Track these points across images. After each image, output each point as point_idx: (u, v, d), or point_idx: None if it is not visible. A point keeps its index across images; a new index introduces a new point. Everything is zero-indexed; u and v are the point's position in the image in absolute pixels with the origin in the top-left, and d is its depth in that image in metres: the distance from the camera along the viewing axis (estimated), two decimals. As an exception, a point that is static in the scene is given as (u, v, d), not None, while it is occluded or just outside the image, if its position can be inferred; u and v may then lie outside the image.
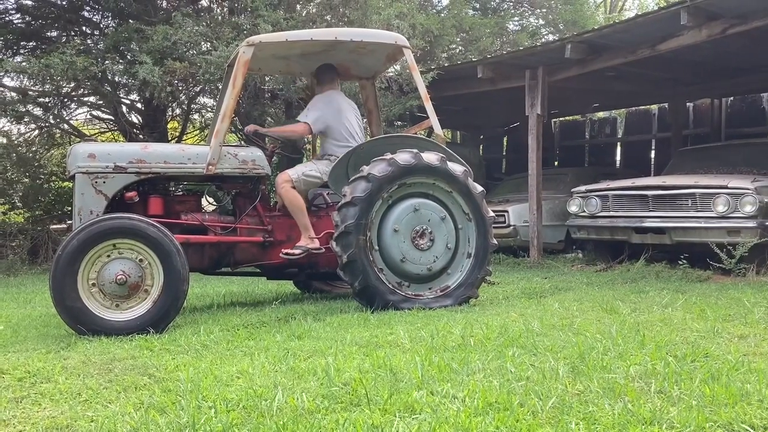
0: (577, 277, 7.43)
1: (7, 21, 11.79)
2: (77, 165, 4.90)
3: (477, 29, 13.70)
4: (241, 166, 5.31)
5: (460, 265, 5.39)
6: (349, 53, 5.91)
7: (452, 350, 3.52)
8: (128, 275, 4.43)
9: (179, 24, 9.36)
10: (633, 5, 25.64)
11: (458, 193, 5.36)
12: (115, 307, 4.44)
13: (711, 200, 7.30)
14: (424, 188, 5.31)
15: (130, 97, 12.28)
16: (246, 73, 5.47)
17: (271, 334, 4.17)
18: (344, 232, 4.99)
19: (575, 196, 8.72)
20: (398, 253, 5.17)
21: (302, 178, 5.51)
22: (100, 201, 4.87)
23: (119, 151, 5.11)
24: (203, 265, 5.36)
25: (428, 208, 5.28)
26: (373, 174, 5.07)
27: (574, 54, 8.65)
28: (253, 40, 5.39)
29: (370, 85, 6.57)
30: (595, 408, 2.49)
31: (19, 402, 2.86)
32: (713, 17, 7.50)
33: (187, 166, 5.19)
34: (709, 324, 4.16)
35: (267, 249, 5.45)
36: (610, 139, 14.91)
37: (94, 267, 4.41)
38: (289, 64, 6.26)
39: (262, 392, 2.78)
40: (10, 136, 12.23)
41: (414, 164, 5.16)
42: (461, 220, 5.40)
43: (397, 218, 5.19)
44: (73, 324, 4.33)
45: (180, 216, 5.27)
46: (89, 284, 4.39)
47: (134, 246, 4.47)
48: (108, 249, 4.44)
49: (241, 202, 5.51)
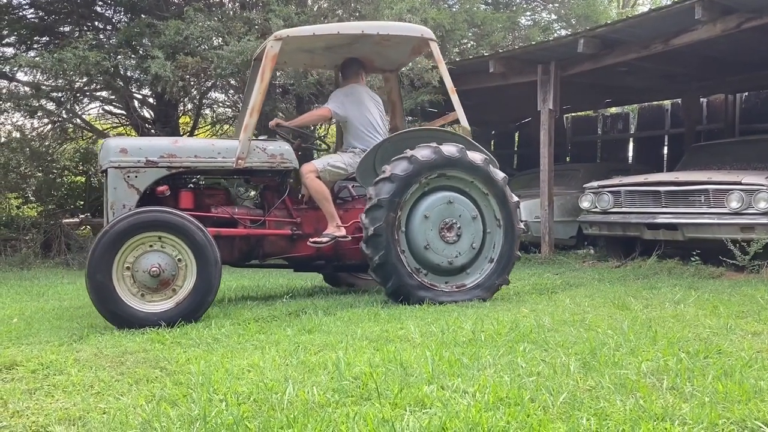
0: (588, 273, 7.40)
1: (20, 16, 11.85)
2: (110, 159, 4.94)
3: (489, 24, 13.62)
4: (270, 160, 5.35)
5: (480, 267, 5.39)
6: (374, 46, 5.93)
7: (463, 345, 3.52)
8: (162, 268, 4.51)
9: (191, 19, 9.37)
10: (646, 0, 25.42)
11: (494, 197, 5.38)
12: (149, 298, 4.53)
13: (724, 196, 7.24)
14: (462, 184, 5.34)
15: (142, 91, 12.33)
16: (274, 67, 5.49)
17: (281, 328, 4.18)
18: (376, 205, 5.03)
19: (587, 192, 8.67)
20: (423, 240, 5.20)
21: (327, 169, 5.56)
22: (133, 195, 4.91)
23: (151, 146, 5.15)
24: (233, 257, 5.41)
25: (462, 204, 5.31)
26: (416, 157, 5.12)
27: (586, 49, 8.60)
28: (281, 34, 5.43)
29: (394, 77, 6.61)
30: (607, 404, 2.48)
31: (32, 394, 2.88)
32: (728, 11, 7.42)
33: (217, 160, 5.23)
34: (722, 320, 4.13)
35: (295, 242, 5.51)
36: (622, 134, 14.80)
37: (128, 259, 4.48)
38: (313, 58, 6.29)
39: (273, 386, 2.79)
40: (24, 130, 12.32)
41: (458, 158, 5.22)
42: (491, 225, 5.41)
43: (429, 205, 5.23)
44: (111, 317, 4.41)
45: (210, 209, 5.34)
46: (124, 276, 4.47)
47: (169, 239, 4.55)
48: (142, 241, 4.51)
49: (269, 195, 5.57)
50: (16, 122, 12.31)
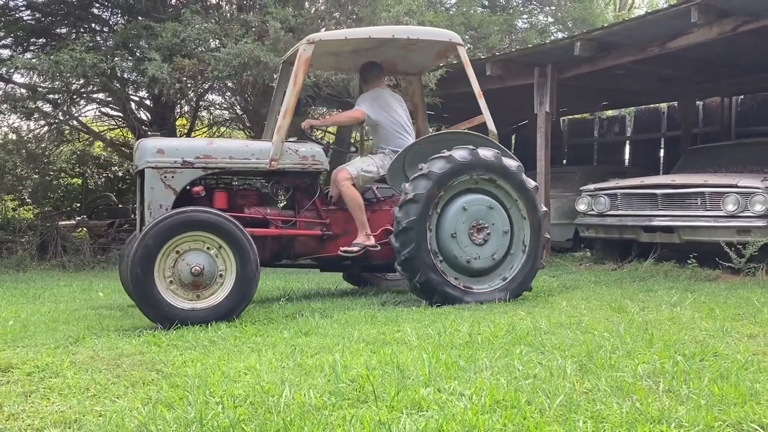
0: (585, 276, 7.41)
1: (17, 18, 11.85)
2: (146, 160, 4.97)
3: (485, 27, 13.65)
4: (302, 162, 5.41)
5: (491, 280, 5.44)
6: (399, 50, 6.00)
7: (459, 348, 3.52)
8: (203, 267, 4.58)
9: (188, 21, 9.38)
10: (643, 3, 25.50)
11: (530, 223, 5.47)
12: (193, 297, 4.60)
13: (720, 199, 7.26)
14: (507, 199, 5.43)
15: (139, 93, 12.34)
16: (306, 70, 5.56)
17: (278, 331, 4.18)
18: (411, 200, 5.10)
19: (584, 195, 8.69)
20: (452, 227, 5.25)
21: (361, 174, 5.62)
22: (169, 195, 4.95)
23: (187, 147, 5.20)
24: (265, 257, 5.41)
25: (501, 217, 5.40)
26: (454, 157, 5.20)
27: (583, 52, 8.61)
28: (314, 38, 5.49)
29: (417, 80, 6.69)
30: (603, 406, 2.48)
31: (28, 396, 2.87)
32: (724, 15, 7.44)
33: (251, 161, 5.28)
34: (718, 323, 4.14)
35: (325, 242, 5.56)
36: (618, 137, 14.83)
37: (170, 259, 4.55)
38: (339, 60, 6.37)
39: (270, 388, 2.79)
40: (20, 132, 12.31)
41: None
42: (516, 246, 5.48)
43: (471, 201, 5.32)
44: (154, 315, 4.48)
45: (243, 210, 5.38)
46: (166, 275, 4.54)
47: (209, 238, 4.63)
48: (183, 241, 4.58)
49: (299, 196, 5.62)
50: (12, 124, 12.33)
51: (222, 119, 14.61)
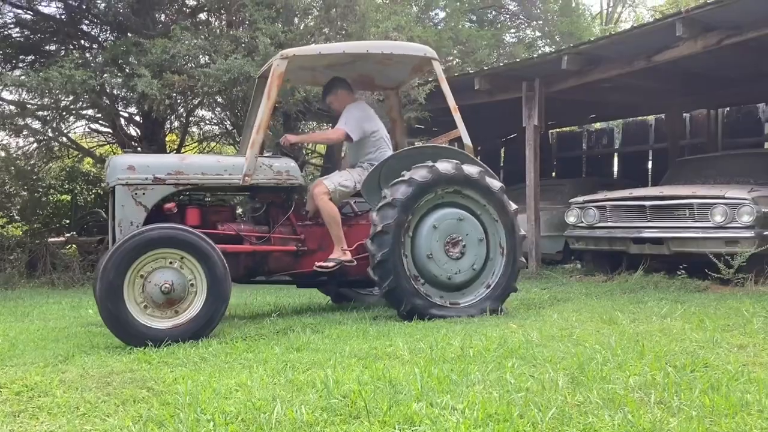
0: (575, 288, 7.43)
1: (6, 35, 11.82)
2: (117, 177, 4.93)
3: (474, 41, 13.77)
4: (276, 177, 5.37)
5: (476, 290, 5.44)
6: (375, 64, 6.00)
7: (451, 361, 3.51)
8: (173, 284, 4.50)
9: (178, 37, 9.39)
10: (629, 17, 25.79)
11: (503, 225, 5.47)
12: (162, 315, 4.52)
13: (708, 210, 7.31)
14: (475, 206, 5.44)
15: (129, 110, 12.30)
16: (281, 85, 5.54)
17: (269, 347, 4.16)
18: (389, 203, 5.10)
19: (573, 207, 8.73)
20: (427, 248, 5.25)
21: (338, 189, 5.58)
22: (140, 212, 4.91)
23: (158, 163, 5.15)
24: (239, 274, 5.38)
25: (471, 225, 5.39)
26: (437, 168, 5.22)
27: (570, 65, 8.69)
28: (288, 53, 5.48)
29: (395, 95, 6.68)
30: (595, 419, 2.48)
31: (16, 416, 2.85)
32: (709, 28, 7.54)
33: (224, 177, 5.24)
34: (708, 334, 4.16)
35: (300, 258, 5.51)
36: (607, 149, 14.94)
37: (140, 277, 4.48)
38: (315, 75, 6.34)
39: (261, 405, 2.77)
40: (9, 149, 12.25)
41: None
42: (494, 251, 5.48)
43: (440, 217, 5.30)
44: (123, 335, 4.41)
45: (216, 226, 5.33)
46: (136, 294, 4.46)
47: (178, 255, 4.55)
48: (152, 259, 4.51)
49: (274, 212, 5.57)
50: (1, 141, 12.26)
51: (212, 134, 14.60)
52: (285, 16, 10.26)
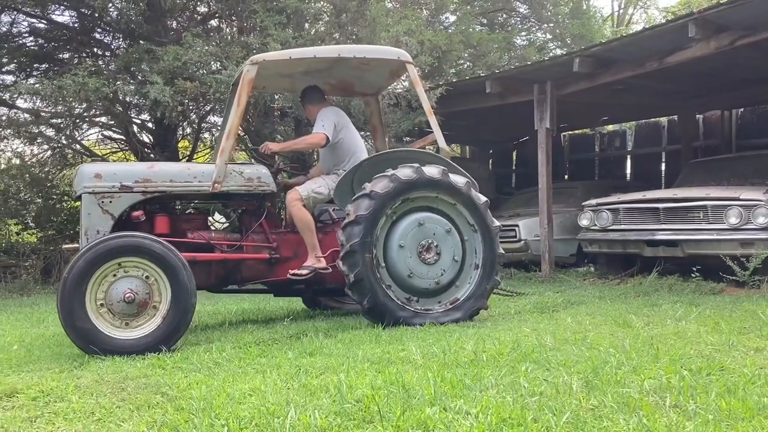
0: (589, 291, 7.39)
1: (20, 44, 11.96)
2: (84, 185, 4.92)
3: (485, 44, 13.76)
4: (247, 184, 5.32)
5: (468, 276, 5.37)
6: (353, 70, 5.93)
7: (465, 366, 3.50)
8: (136, 293, 4.43)
9: (189, 44, 9.46)
10: (641, 18, 25.67)
11: (462, 204, 5.35)
12: (125, 325, 4.44)
13: (723, 212, 7.25)
14: (427, 202, 5.30)
15: (142, 116, 12.40)
16: (251, 92, 5.50)
17: (283, 351, 4.17)
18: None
19: (586, 210, 8.69)
20: (405, 269, 5.16)
21: (312, 195, 5.52)
22: (107, 221, 4.88)
23: (125, 171, 5.14)
24: (210, 282, 5.37)
25: (433, 222, 5.27)
26: (376, 191, 5.07)
27: (582, 68, 8.67)
28: (257, 59, 5.41)
29: (374, 101, 6.59)
30: (610, 423, 2.47)
31: (33, 421, 2.87)
32: (721, 29, 7.50)
33: (193, 184, 5.20)
34: (723, 337, 4.12)
35: (273, 266, 5.45)
36: (619, 152, 14.87)
37: (101, 287, 4.41)
38: (293, 82, 6.27)
39: (275, 410, 2.78)
40: (23, 156, 12.37)
41: (416, 179, 5.16)
42: (467, 232, 5.38)
43: (402, 234, 5.19)
44: (84, 345, 4.33)
45: (186, 234, 5.28)
46: (97, 304, 4.39)
47: (141, 264, 4.48)
48: (114, 268, 4.44)
49: (247, 219, 5.52)
50: (15, 149, 12.39)
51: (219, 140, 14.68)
52: (296, 21, 10.31)
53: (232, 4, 10.84)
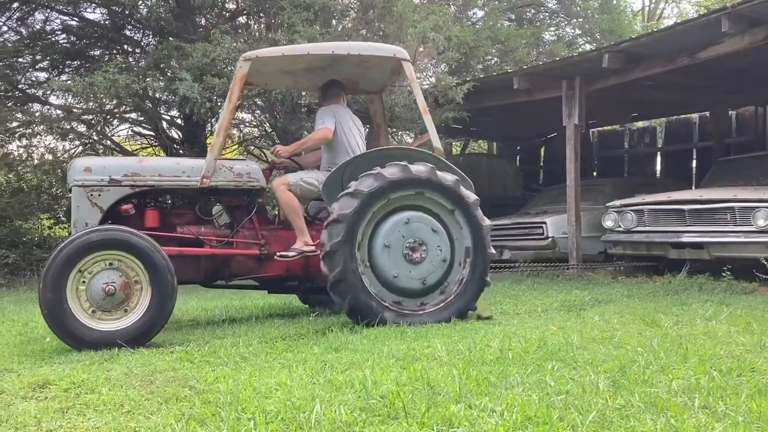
0: (617, 290, 7.31)
1: (53, 41, 12.17)
2: (74, 178, 4.98)
3: (513, 40, 13.66)
4: (236, 179, 5.32)
5: (457, 276, 5.22)
6: (355, 67, 5.85)
7: (490, 363, 3.49)
8: (116, 286, 4.46)
9: (218, 41, 9.54)
10: (672, 13, 25.29)
11: (451, 202, 5.20)
12: (104, 317, 4.48)
13: (751, 214, 7.09)
14: (414, 200, 5.16)
15: (171, 113, 12.56)
16: (242, 88, 5.48)
17: (308, 347, 4.20)
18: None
19: (610, 211, 8.57)
20: (390, 269, 5.04)
21: (300, 183, 5.45)
22: (95, 214, 4.93)
23: (115, 165, 5.19)
24: (199, 277, 5.35)
25: (420, 221, 5.13)
26: (360, 189, 4.96)
27: (611, 63, 8.56)
28: (249, 55, 5.38)
29: (378, 99, 6.52)
30: (637, 423, 2.44)
31: (65, 412, 2.92)
32: (755, 24, 7.35)
33: (182, 179, 5.22)
34: (755, 337, 4.06)
35: (263, 262, 5.40)
36: (649, 148, 14.68)
37: (82, 278, 4.44)
38: (296, 80, 6.23)
39: (301, 404, 2.80)
40: (56, 152, 12.60)
41: (402, 177, 5.04)
42: (456, 231, 5.24)
43: (387, 233, 5.06)
44: (63, 336, 4.38)
45: (176, 229, 5.28)
46: (78, 296, 4.42)
47: (121, 257, 4.50)
48: (96, 260, 4.47)
49: (237, 214, 5.49)
50: (48, 145, 12.61)
51: (252, 137, 14.79)
52: (323, 18, 10.34)
53: (260, 1, 10.92)
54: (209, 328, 5.29)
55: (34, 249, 11.38)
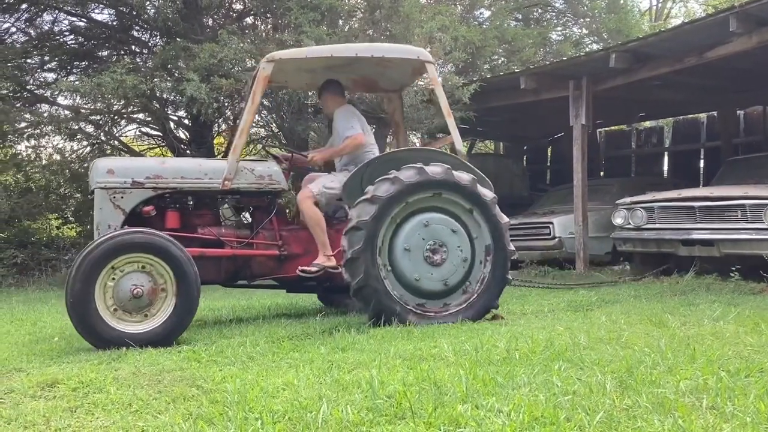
0: (624, 290, 7.29)
1: (61, 42, 12.23)
2: (97, 180, 5.00)
3: (519, 40, 13.66)
4: (258, 181, 5.34)
5: (478, 275, 5.23)
6: (374, 67, 5.85)
7: (497, 364, 3.49)
8: (143, 290, 4.48)
9: (225, 42, 9.57)
10: (679, 13, 25.21)
11: (469, 202, 5.19)
12: (125, 317, 4.49)
13: (762, 211, 7.09)
14: (432, 202, 5.15)
15: (178, 113, 12.61)
16: (265, 89, 5.48)
17: (315, 347, 4.20)
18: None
19: (620, 208, 8.56)
20: (412, 272, 5.04)
21: (324, 191, 5.47)
22: (118, 216, 4.96)
23: (137, 167, 5.20)
24: (220, 277, 5.39)
25: (439, 222, 5.13)
26: (378, 195, 4.95)
27: (618, 63, 8.55)
28: (273, 57, 5.40)
29: (397, 97, 6.54)
30: (644, 423, 2.44)
31: (73, 411, 2.94)
32: (763, 23, 7.33)
33: (204, 181, 5.24)
34: (763, 338, 4.04)
35: (283, 262, 5.44)
36: (657, 148, 14.64)
37: (113, 275, 4.46)
38: (314, 77, 6.22)
39: (308, 404, 2.80)
40: (64, 152, 12.66)
41: (419, 179, 5.02)
42: (475, 230, 5.24)
43: (407, 237, 5.06)
44: (81, 329, 4.40)
45: (197, 230, 5.31)
46: (104, 292, 4.44)
47: (155, 263, 4.53)
48: (130, 261, 4.50)
49: (257, 216, 5.52)
50: (56, 145, 12.69)
51: (258, 137, 14.83)
52: (330, 18, 10.35)
53: (267, 2, 10.95)
54: (216, 328, 5.31)
55: (42, 249, 11.44)
